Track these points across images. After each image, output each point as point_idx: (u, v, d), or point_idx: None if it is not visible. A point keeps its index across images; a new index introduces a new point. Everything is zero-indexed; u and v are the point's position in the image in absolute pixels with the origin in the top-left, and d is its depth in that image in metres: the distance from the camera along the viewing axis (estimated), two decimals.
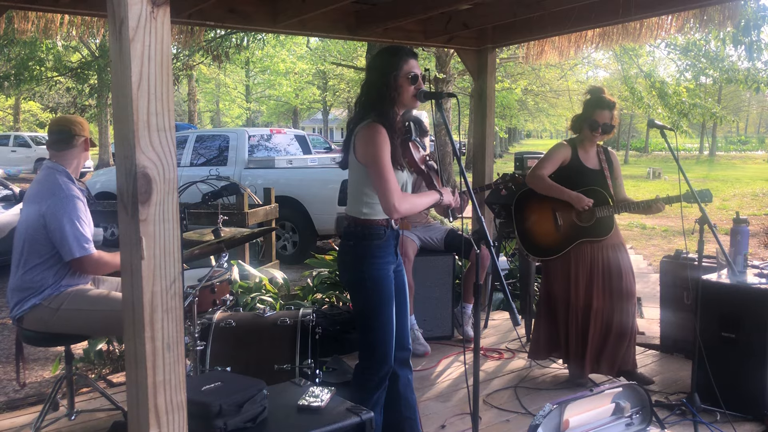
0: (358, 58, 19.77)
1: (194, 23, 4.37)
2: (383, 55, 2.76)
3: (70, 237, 2.97)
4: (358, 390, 2.81)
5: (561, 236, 3.86)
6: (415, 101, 2.73)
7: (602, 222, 3.80)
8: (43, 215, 3.00)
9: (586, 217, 3.82)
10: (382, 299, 2.73)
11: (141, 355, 1.73)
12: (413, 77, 2.69)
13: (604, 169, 3.90)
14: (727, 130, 53.59)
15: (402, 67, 2.67)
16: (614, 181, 3.92)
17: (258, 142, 10.21)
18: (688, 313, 4.09)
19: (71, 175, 3.16)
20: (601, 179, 3.87)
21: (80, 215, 3.03)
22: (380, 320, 2.73)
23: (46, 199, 3.02)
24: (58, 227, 2.97)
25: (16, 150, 23.52)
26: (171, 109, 1.72)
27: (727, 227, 7.36)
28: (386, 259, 2.75)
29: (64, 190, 3.04)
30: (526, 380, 4.01)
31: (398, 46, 2.89)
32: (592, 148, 3.94)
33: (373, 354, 2.76)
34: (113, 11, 1.67)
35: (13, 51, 15.90)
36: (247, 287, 5.11)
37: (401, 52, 2.72)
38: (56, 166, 3.15)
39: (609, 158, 3.96)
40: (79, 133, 3.22)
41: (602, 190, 3.83)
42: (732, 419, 3.34)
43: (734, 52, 9.09)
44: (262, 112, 42.59)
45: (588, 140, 3.89)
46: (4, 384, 4.41)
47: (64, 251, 2.99)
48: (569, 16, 4.46)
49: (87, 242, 3.01)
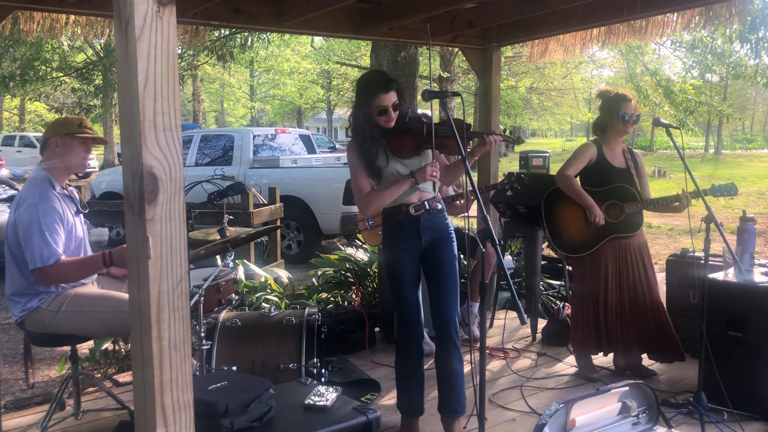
0: (362, 57, 19.77)
1: (199, 23, 4.37)
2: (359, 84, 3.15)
3: (33, 247, 2.91)
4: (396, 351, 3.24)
5: (591, 233, 3.90)
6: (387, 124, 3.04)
7: (631, 218, 3.85)
8: (16, 222, 2.99)
9: (615, 214, 3.86)
10: (393, 276, 3.13)
11: (148, 355, 1.73)
12: (381, 110, 3.00)
13: (630, 167, 3.96)
14: (732, 129, 53.46)
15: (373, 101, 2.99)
16: (640, 180, 3.96)
17: (263, 141, 10.22)
18: (695, 312, 4.08)
19: (53, 180, 3.11)
20: (627, 177, 3.92)
21: (51, 224, 2.96)
22: (397, 293, 3.12)
23: (20, 207, 3.00)
24: (24, 236, 2.94)
25: (21, 150, 23.58)
26: (177, 108, 1.72)
27: (733, 226, 7.33)
28: (401, 240, 3.11)
29: (38, 197, 2.99)
30: (532, 379, 4.00)
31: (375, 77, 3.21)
32: (618, 147, 3.99)
33: (399, 322, 3.19)
34: (119, 11, 1.67)
35: (19, 51, 15.94)
36: (252, 287, 5.11)
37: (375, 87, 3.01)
38: (39, 170, 3.12)
39: (634, 158, 4.02)
40: (50, 135, 3.15)
41: (630, 187, 3.87)
42: (739, 418, 3.32)
43: (741, 49, 9.06)
44: (267, 111, 42.60)
45: (614, 138, 3.95)
46: (11, 384, 4.43)
47: (28, 260, 2.95)
48: (574, 14, 4.44)
49: (50, 254, 2.92)
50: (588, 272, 3.95)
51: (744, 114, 48.33)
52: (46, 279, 2.99)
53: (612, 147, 3.96)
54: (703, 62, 12.01)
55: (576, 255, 3.97)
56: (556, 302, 5.24)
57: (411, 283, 3.12)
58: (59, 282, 3.07)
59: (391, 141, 3.07)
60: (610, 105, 3.94)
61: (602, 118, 3.98)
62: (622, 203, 3.85)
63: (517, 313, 2.42)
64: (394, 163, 3.09)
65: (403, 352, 3.20)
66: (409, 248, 3.12)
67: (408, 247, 3.12)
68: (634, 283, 3.89)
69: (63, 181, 3.19)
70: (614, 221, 3.86)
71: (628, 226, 3.86)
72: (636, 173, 3.95)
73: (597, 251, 3.89)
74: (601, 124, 3.98)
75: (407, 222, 3.09)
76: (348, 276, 5.46)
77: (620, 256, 3.89)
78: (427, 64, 15.23)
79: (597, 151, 3.93)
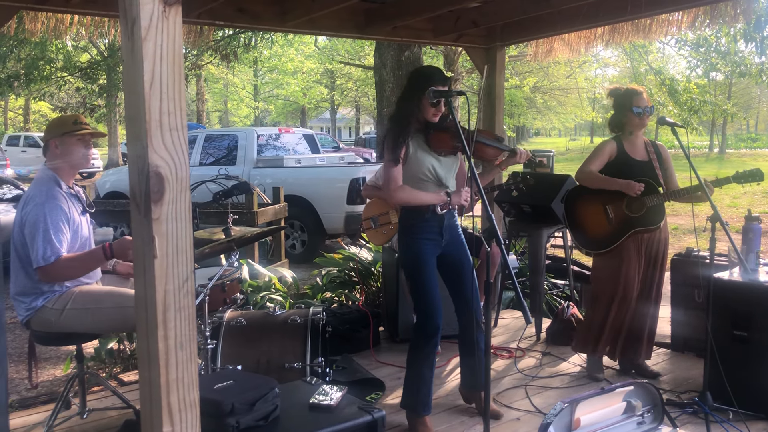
0: (365, 57, 19.76)
1: (204, 23, 4.38)
2: (415, 75, 3.26)
3: (36, 245, 2.93)
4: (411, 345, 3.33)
5: (614, 228, 3.87)
6: (434, 117, 3.17)
7: (653, 210, 3.82)
8: (22, 220, 3.00)
9: (637, 207, 3.83)
10: (417, 268, 3.22)
11: (154, 354, 1.74)
12: (435, 102, 3.11)
13: (652, 160, 3.92)
14: (737, 128, 53.26)
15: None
16: (665, 172, 3.93)
17: (267, 141, 10.22)
18: (700, 312, 4.07)
19: (59, 180, 3.13)
20: (649, 170, 3.88)
21: (57, 222, 2.98)
22: (419, 281, 3.22)
23: (26, 205, 3.02)
24: (29, 234, 2.96)
25: (26, 150, 23.66)
26: (183, 108, 1.72)
27: (738, 225, 7.31)
28: (423, 236, 3.23)
29: (44, 196, 3.01)
30: (536, 379, 4.00)
31: (435, 71, 3.25)
32: (639, 141, 3.96)
33: (418, 314, 3.26)
34: (125, 11, 1.67)
35: (23, 51, 15.98)
36: (256, 286, 5.12)
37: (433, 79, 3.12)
38: (45, 170, 3.14)
39: (658, 150, 3.99)
40: (48, 137, 3.18)
41: (651, 180, 3.84)
42: (745, 418, 3.32)
43: (745, 48, 9.04)
44: (271, 111, 42.66)
45: (634, 132, 3.92)
46: (17, 383, 4.44)
47: (32, 259, 2.97)
48: (578, 14, 4.44)
49: (52, 252, 2.94)
50: (610, 269, 3.89)
51: (749, 113, 48.16)
52: (49, 277, 3.00)
53: (632, 141, 3.93)
54: (707, 61, 11.98)
55: (600, 251, 3.93)
56: (560, 301, 5.24)
57: (433, 273, 3.25)
58: (62, 279, 3.08)
59: (432, 136, 3.19)
60: (622, 101, 3.91)
61: (617, 115, 3.95)
62: (643, 196, 3.80)
63: (521, 312, 2.42)
64: (430, 157, 3.22)
65: (421, 338, 3.26)
66: (431, 245, 3.27)
67: (431, 243, 3.26)
68: (650, 283, 3.89)
69: (69, 180, 3.21)
70: (636, 215, 3.83)
71: (650, 219, 3.82)
72: (660, 166, 3.91)
73: (620, 246, 3.84)
74: (617, 121, 3.96)
75: (432, 220, 3.24)
76: (352, 275, 5.46)
77: (644, 251, 3.86)
78: (431, 64, 15.22)
79: (617, 146, 3.91)
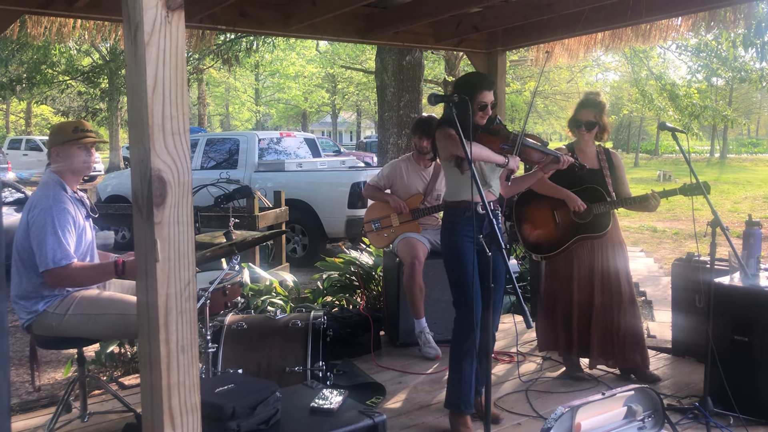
0: (367, 61, 19.79)
1: (206, 27, 4.39)
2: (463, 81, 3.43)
3: (46, 248, 2.93)
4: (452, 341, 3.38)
5: (560, 233, 3.97)
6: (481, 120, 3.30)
7: (599, 218, 3.90)
8: (28, 224, 3.01)
9: (584, 214, 3.91)
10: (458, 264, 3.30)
11: (156, 358, 1.74)
12: (482, 106, 3.27)
13: (603, 168, 4.00)
14: (738, 133, 53.19)
15: (476, 97, 3.22)
16: (615, 180, 4.01)
17: (268, 145, 10.24)
18: (700, 317, 4.06)
19: (64, 184, 3.14)
20: (598, 178, 3.96)
21: (65, 225, 2.99)
22: (459, 274, 3.30)
23: (33, 208, 3.02)
24: (37, 236, 2.96)
25: (27, 153, 23.72)
26: (186, 112, 1.73)
27: (739, 230, 7.31)
28: (466, 234, 3.31)
29: (51, 200, 3.02)
30: (537, 383, 4.00)
31: (482, 77, 3.50)
32: (590, 149, 4.05)
33: (458, 308, 3.34)
34: (128, 16, 1.68)
35: (26, 55, 16.02)
36: (257, 290, 5.12)
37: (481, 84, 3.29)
38: (50, 175, 3.16)
39: (610, 158, 4.07)
40: (50, 146, 3.21)
41: (599, 187, 3.92)
42: (746, 423, 3.31)
43: (745, 53, 9.05)
44: (272, 115, 42.71)
45: (581, 141, 4.02)
46: (18, 386, 4.44)
47: (38, 262, 2.96)
48: (579, 19, 4.45)
49: (63, 255, 2.94)
50: (559, 272, 4.01)
51: (749, 118, 48.13)
52: (56, 281, 3.00)
53: (582, 149, 4.02)
54: (708, 66, 11.99)
55: (547, 255, 4.03)
56: None
57: (471, 269, 3.29)
58: (68, 285, 3.08)
59: (480, 137, 3.27)
60: (575, 110, 4.05)
61: (569, 119, 4.09)
62: (591, 204, 3.89)
63: (522, 317, 2.43)
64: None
65: (462, 331, 3.29)
66: (472, 242, 3.33)
67: (471, 240, 3.32)
68: (609, 286, 3.92)
69: (74, 185, 3.23)
70: (582, 222, 3.91)
71: (596, 226, 3.89)
72: (610, 174, 3.99)
73: (568, 252, 3.94)
74: (570, 125, 4.08)
75: (473, 218, 3.31)
76: (353, 279, 5.47)
77: (592, 258, 3.93)
78: (432, 68, 15.24)
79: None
